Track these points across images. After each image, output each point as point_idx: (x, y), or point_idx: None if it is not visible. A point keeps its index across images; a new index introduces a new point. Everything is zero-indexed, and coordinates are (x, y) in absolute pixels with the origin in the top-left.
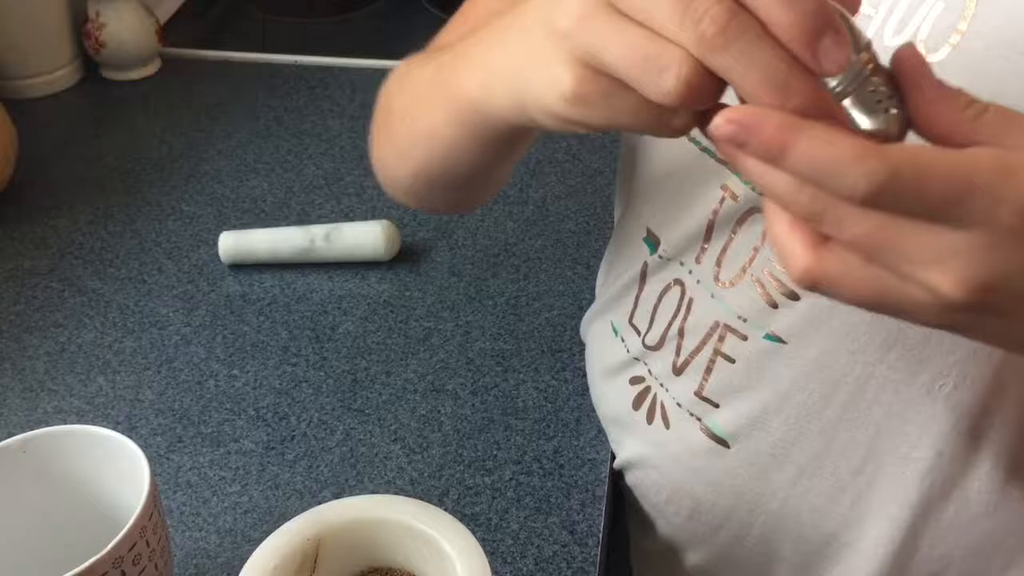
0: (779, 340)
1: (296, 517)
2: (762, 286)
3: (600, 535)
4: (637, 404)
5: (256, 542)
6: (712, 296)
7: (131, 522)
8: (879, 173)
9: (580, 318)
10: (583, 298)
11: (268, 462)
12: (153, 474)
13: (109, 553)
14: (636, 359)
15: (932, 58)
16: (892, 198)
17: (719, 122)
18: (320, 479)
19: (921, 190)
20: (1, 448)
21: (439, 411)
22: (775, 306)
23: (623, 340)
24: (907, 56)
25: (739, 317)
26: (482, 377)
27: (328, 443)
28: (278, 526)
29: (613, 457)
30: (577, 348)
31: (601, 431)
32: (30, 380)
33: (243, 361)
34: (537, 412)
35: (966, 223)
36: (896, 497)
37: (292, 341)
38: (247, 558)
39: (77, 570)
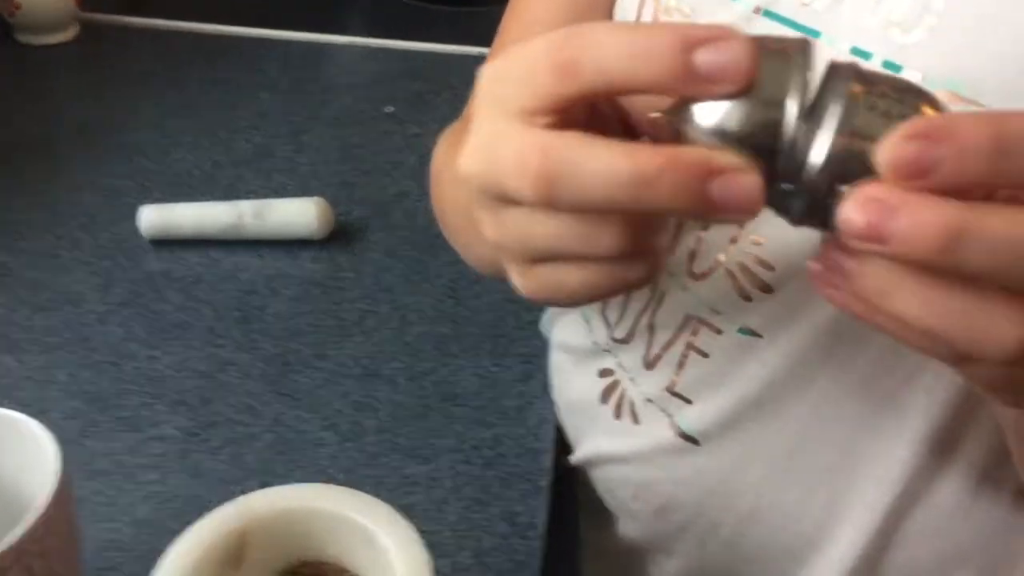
0: (754, 334)
1: (220, 507)
2: (734, 278)
3: (541, 527)
4: (605, 397)
5: (176, 534)
6: (684, 289)
7: (37, 513)
8: None
9: (522, 303)
10: None
11: (190, 449)
12: (64, 461)
13: (12, 547)
14: (606, 351)
15: (906, 39)
16: None
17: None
18: (246, 467)
19: None
20: None
21: (374, 397)
22: (748, 299)
23: (593, 331)
24: None
25: (712, 310)
26: (419, 362)
27: (255, 429)
28: (200, 517)
29: (562, 449)
30: (518, 334)
31: (544, 420)
32: None
33: (165, 342)
34: (477, 399)
35: None
36: (868, 499)
37: (218, 322)
38: (165, 550)
39: None
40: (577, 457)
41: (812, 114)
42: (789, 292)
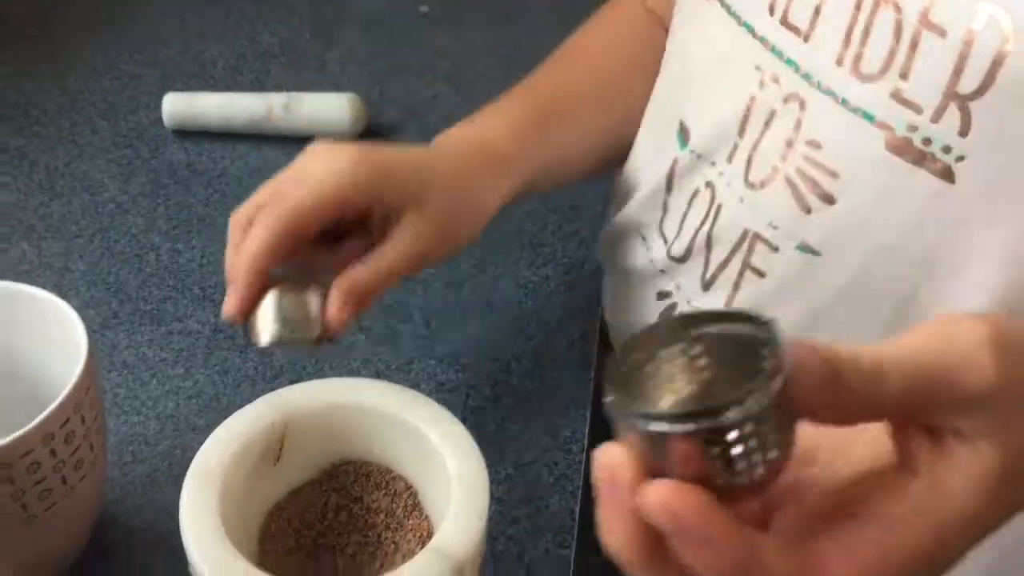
0: (812, 252)
1: (259, 400)
2: (794, 187)
3: (584, 441)
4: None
5: (201, 430)
6: (741, 200)
7: (64, 394)
8: None
9: (563, 211)
10: (562, 190)
11: (216, 345)
12: (92, 344)
13: (38, 427)
14: (663, 271)
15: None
16: None
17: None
18: (274, 367)
19: None
20: None
21: (408, 302)
22: (808, 211)
23: (650, 250)
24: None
25: (770, 224)
26: (456, 269)
27: None
28: (226, 415)
29: (601, 362)
30: (559, 244)
31: (587, 332)
32: None
33: (188, 235)
34: (516, 309)
35: None
36: None
37: None
38: (190, 447)
39: None
40: None
41: None
42: (852, 203)
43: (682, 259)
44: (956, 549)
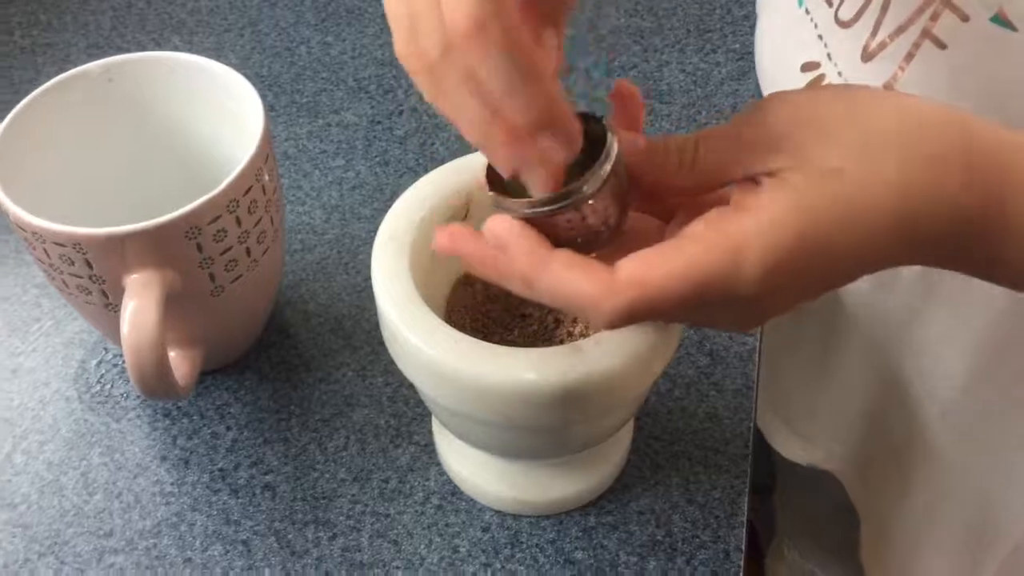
0: (1009, 26)
1: (442, 167)
2: None
3: None
4: None
5: (367, 219)
6: None
7: (246, 160)
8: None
9: None
10: None
11: (374, 137)
12: (267, 116)
13: (223, 193)
14: (819, 37)
15: None
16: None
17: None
18: (436, 157)
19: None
20: (80, 74)
21: (570, 91)
22: None
23: (808, 12)
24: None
25: None
26: (619, 56)
27: (443, 121)
28: (390, 204)
29: None
30: (729, 28)
31: None
32: (95, 37)
33: (338, 28)
34: (685, 96)
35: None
36: None
37: None
38: (357, 235)
39: (188, 208)
40: None
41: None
42: None
43: (848, 22)
44: (760, 267)
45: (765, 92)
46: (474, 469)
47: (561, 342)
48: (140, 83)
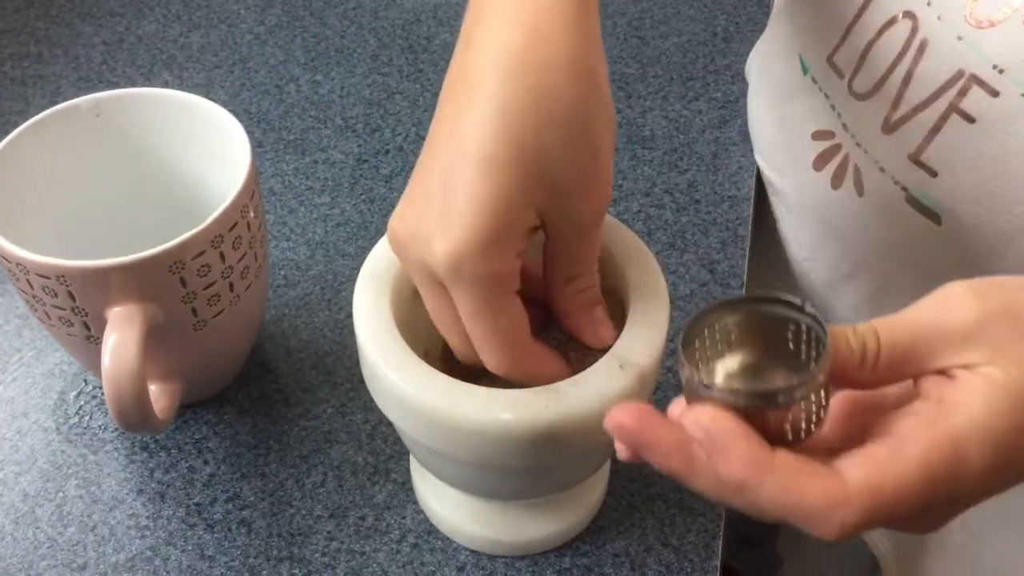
0: None
1: None
2: None
3: (744, 276)
4: (820, 164)
5: (351, 256)
6: (960, 39)
7: (232, 196)
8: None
9: (716, 44)
10: (717, 24)
11: (360, 175)
12: (254, 152)
13: (209, 228)
14: (832, 107)
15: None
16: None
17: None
18: None
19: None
20: (69, 109)
21: None
22: None
23: (815, 81)
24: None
25: (994, 67)
26: None
27: None
28: (374, 242)
29: (759, 197)
30: (712, 77)
31: (742, 168)
32: (85, 70)
33: (327, 67)
34: (667, 143)
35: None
36: None
37: (382, 50)
38: (341, 272)
39: (173, 243)
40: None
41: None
42: None
43: (865, 95)
44: (981, 462)
45: (765, 155)
46: (451, 508)
47: None
48: (128, 118)
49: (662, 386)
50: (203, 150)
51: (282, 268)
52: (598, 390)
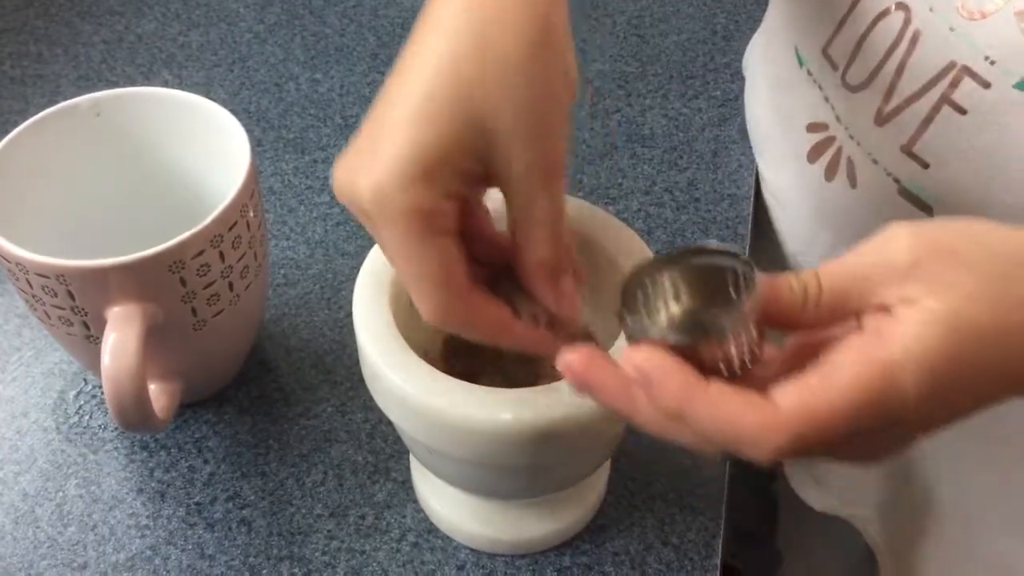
0: None
1: None
2: None
3: None
4: (814, 156)
5: (351, 255)
6: (952, 30)
7: (232, 195)
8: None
9: (715, 42)
10: (716, 22)
11: None
12: (254, 152)
13: (208, 227)
14: (826, 99)
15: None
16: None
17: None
18: None
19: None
20: (68, 108)
21: None
22: None
23: (810, 74)
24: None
25: (986, 58)
26: (602, 100)
27: None
28: (373, 241)
29: (759, 195)
30: (712, 75)
31: (742, 166)
32: (85, 69)
33: (327, 65)
34: (667, 141)
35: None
36: None
37: (382, 48)
38: (341, 271)
39: (172, 243)
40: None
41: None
42: None
43: (858, 87)
44: (917, 389)
45: (761, 150)
46: (451, 507)
47: (540, 375)
48: (128, 118)
49: None
50: (203, 149)
51: (282, 267)
52: None
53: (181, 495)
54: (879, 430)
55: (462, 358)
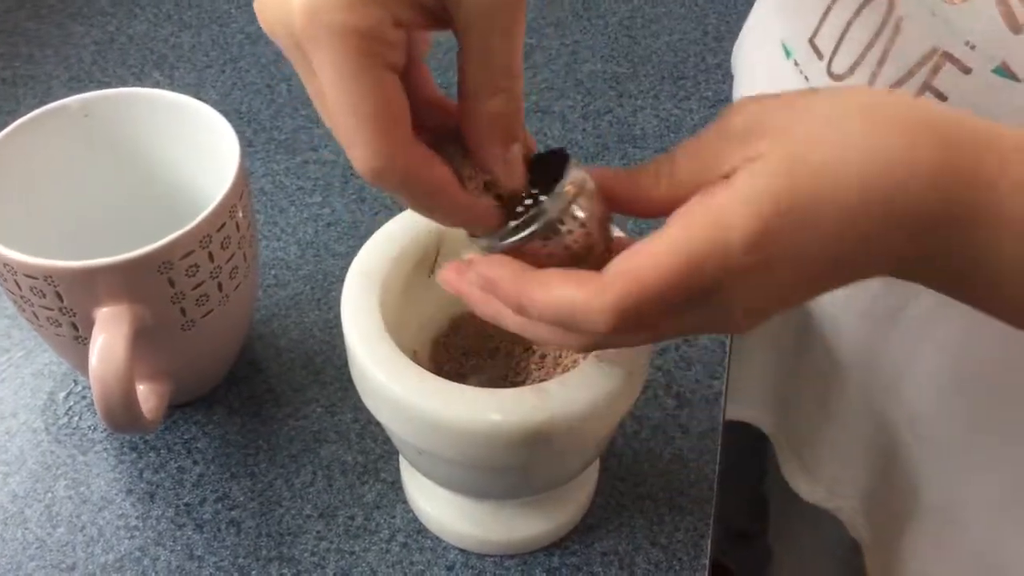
0: (1011, 76)
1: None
2: (1006, 3)
3: None
4: None
5: (342, 256)
6: (933, 15)
7: (221, 196)
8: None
9: (706, 43)
10: (707, 23)
11: (351, 174)
12: (243, 152)
13: (197, 228)
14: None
15: None
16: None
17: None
18: None
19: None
20: (58, 109)
21: (546, 134)
22: (1018, 31)
23: (797, 64)
24: (596, 173)
25: (966, 43)
26: (594, 100)
27: None
28: (364, 242)
29: None
30: (703, 76)
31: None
32: (76, 70)
33: None
34: (658, 142)
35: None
36: None
37: None
38: (331, 272)
39: (161, 243)
40: None
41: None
42: None
43: (842, 76)
44: (744, 224)
45: None
46: (440, 507)
47: (528, 375)
48: (118, 118)
49: (651, 385)
50: (192, 150)
51: (272, 268)
52: (586, 390)
53: (170, 496)
54: (713, 288)
55: (451, 359)
